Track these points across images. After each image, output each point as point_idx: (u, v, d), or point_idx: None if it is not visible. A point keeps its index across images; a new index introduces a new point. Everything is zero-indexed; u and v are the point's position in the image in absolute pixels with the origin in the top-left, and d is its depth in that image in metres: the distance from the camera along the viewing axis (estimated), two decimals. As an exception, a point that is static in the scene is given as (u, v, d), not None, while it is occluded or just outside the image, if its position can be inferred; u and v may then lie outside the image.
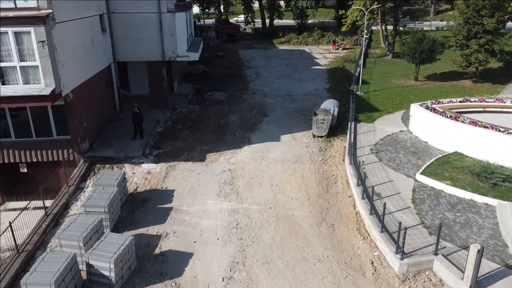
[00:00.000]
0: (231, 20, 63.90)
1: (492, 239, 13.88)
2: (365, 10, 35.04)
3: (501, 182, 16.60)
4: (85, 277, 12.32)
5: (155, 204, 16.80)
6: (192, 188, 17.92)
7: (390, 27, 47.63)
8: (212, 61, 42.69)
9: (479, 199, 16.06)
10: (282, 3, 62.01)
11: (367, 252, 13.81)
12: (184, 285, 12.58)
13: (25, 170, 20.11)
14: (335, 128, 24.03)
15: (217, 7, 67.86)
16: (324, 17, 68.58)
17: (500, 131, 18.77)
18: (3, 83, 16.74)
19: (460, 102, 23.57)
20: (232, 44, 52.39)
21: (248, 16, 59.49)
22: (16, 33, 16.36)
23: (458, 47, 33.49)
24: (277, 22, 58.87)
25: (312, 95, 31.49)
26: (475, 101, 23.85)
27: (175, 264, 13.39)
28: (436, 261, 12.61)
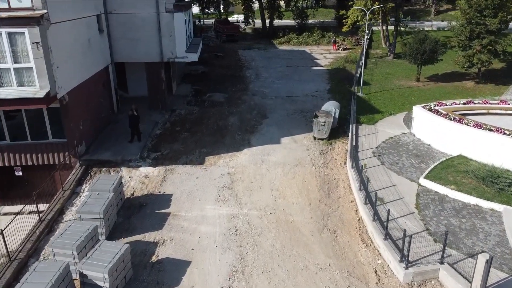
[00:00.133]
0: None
1: (499, 246, 13.47)
2: (366, 10, 34.61)
3: (507, 187, 16.20)
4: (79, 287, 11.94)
5: (152, 209, 16.39)
6: (190, 193, 17.51)
7: (391, 27, 47.23)
8: (212, 61, 42.29)
9: (484, 204, 15.65)
10: (282, 3, 61.62)
11: (371, 260, 13.40)
12: (182, 295, 12.20)
13: (20, 173, 19.69)
14: (336, 130, 23.62)
15: (216, 7, 67.42)
16: (325, 17, 68.16)
17: (505, 133, 18.36)
18: (-4, 85, 16.35)
19: (463, 104, 23.17)
20: (232, 45, 52.00)
21: (247, 16, 58.92)
22: (9, 34, 15.96)
23: (460, 48, 33.11)
24: (277, 22, 58.47)
25: (312, 96, 31.09)
26: (479, 103, 23.44)
27: (172, 272, 12.97)
28: (442, 270, 12.20)
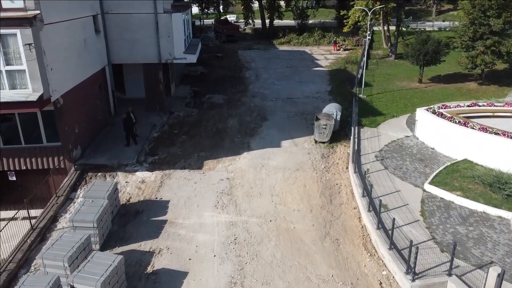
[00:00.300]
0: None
1: (509, 256, 12.95)
2: (368, 10, 34.12)
3: (515, 193, 15.70)
4: (71, 300, 11.42)
5: (148, 216, 15.87)
6: (188, 199, 16.99)
7: (392, 28, 46.72)
8: (211, 62, 41.76)
9: (492, 211, 15.13)
10: (282, 3, 61.11)
11: (375, 271, 12.89)
12: (178, 308, 11.70)
13: (13, 178, 19.19)
14: (338, 133, 23.09)
15: (216, 7, 66.91)
16: (325, 17, 67.64)
17: (512, 138, 17.87)
18: (-13, 88, 15.83)
19: (468, 106, 22.66)
20: (232, 45, 51.47)
21: (247, 16, 58.35)
22: (1, 35, 15.42)
23: (463, 49, 32.57)
24: (277, 22, 57.96)
25: (313, 98, 30.58)
26: (484, 105, 22.96)
27: (168, 284, 12.47)
28: (450, 283, 11.69)
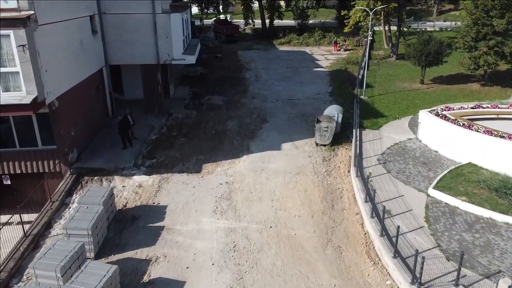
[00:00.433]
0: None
1: (517, 265, 12.57)
2: (369, 10, 33.71)
3: (522, 198, 15.29)
4: (64, 312, 11.01)
5: (145, 222, 15.45)
6: (186, 204, 16.57)
7: (393, 28, 46.29)
8: (211, 62, 41.37)
9: (498, 217, 14.72)
10: (282, 3, 60.68)
11: (379, 281, 12.48)
12: (175, 319, 11.29)
13: (8, 182, 18.76)
14: (339, 135, 22.68)
15: (216, 7, 66.49)
16: (325, 17, 67.20)
17: (518, 141, 17.46)
18: (-20, 90, 15.41)
19: (471, 108, 22.23)
20: (231, 45, 51.04)
21: (247, 16, 57.84)
22: (-6, 36, 15.03)
23: (466, 49, 32.14)
24: (277, 22, 57.52)
25: (314, 99, 30.17)
26: (488, 107, 22.53)
27: (165, 294, 12.08)
28: (457, 293, 11.30)
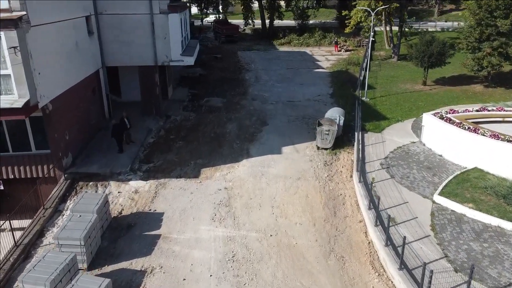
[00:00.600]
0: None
1: (528, 277, 12.05)
2: (371, 10, 33.17)
3: (531, 205, 14.77)
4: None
5: (141, 230, 14.91)
6: (183, 211, 16.04)
7: (394, 28, 45.77)
8: (210, 63, 40.84)
9: (507, 226, 14.18)
10: (282, 3, 60.19)
11: (384, 294, 11.98)
12: (171, 335, 10.76)
13: (1, 187, 18.26)
14: (341, 138, 22.16)
15: (215, 7, 65.98)
16: (326, 17, 66.68)
17: (526, 145, 16.95)
18: (-30, 94, 14.89)
19: (477, 111, 21.73)
20: (231, 46, 50.54)
21: (247, 16, 57.30)
22: (-16, 38, 14.50)
23: (469, 50, 31.61)
24: (277, 22, 57.03)
25: (314, 101, 29.67)
26: (493, 109, 22.04)
27: (160, 308, 11.56)
28: (466, 308, 10.78)
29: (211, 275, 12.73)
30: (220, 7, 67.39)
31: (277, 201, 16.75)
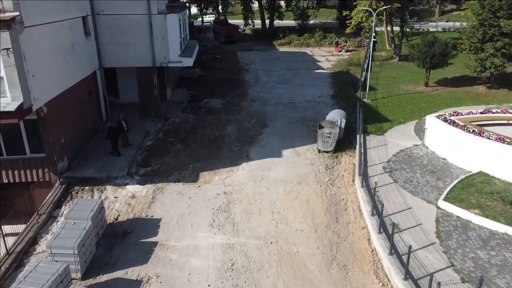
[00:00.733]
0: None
1: (538, 287, 11.64)
2: (372, 11, 32.74)
3: (538, 212, 14.36)
4: None
5: (137, 237, 14.48)
6: (181, 217, 15.61)
7: (395, 28, 45.36)
8: (210, 64, 40.47)
9: (515, 233, 13.80)
10: (283, 3, 59.80)
11: (389, 305, 11.57)
12: None
13: (-5, 192, 17.85)
14: (342, 141, 21.74)
15: (215, 7, 65.57)
16: (326, 17, 66.28)
17: (532, 149, 16.54)
18: (-39, 97, 14.47)
19: (481, 113, 21.29)
20: (231, 46, 50.16)
21: (247, 16, 56.89)
22: (-24, 40, 14.08)
23: (472, 51, 31.19)
24: (277, 22, 56.65)
25: (315, 102, 29.25)
26: (497, 112, 21.62)
27: (157, 319, 11.14)
28: (474, 321, 10.37)
29: (209, 285, 12.29)
30: (220, 7, 66.94)
31: (278, 206, 16.32)
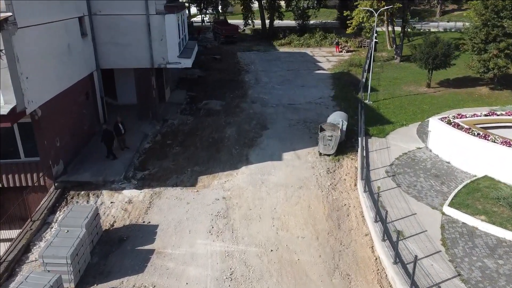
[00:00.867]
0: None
1: (548, 298, 11.22)
2: (374, 11, 32.32)
3: (547, 218, 13.94)
4: None
5: (134, 244, 14.06)
6: (179, 223, 15.19)
7: (397, 29, 44.92)
8: (209, 64, 40.05)
9: (523, 240, 13.39)
10: (283, 3, 59.35)
11: (394, 317, 11.15)
12: None
13: (-11, 196, 17.44)
14: (344, 144, 21.33)
15: (215, 7, 65.11)
16: (326, 17, 65.82)
17: (540, 153, 16.12)
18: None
19: (485, 115, 20.90)
20: (231, 46, 49.73)
21: (248, 16, 56.44)
22: (-33, 41, 13.66)
23: (474, 52, 30.76)
24: (277, 23, 56.22)
25: (316, 103, 28.83)
26: (502, 114, 21.19)
27: (152, 332, 10.72)
28: (484, 335, 9.95)
29: (207, 296, 11.92)
30: (220, 7, 66.49)
31: (278, 212, 15.90)
